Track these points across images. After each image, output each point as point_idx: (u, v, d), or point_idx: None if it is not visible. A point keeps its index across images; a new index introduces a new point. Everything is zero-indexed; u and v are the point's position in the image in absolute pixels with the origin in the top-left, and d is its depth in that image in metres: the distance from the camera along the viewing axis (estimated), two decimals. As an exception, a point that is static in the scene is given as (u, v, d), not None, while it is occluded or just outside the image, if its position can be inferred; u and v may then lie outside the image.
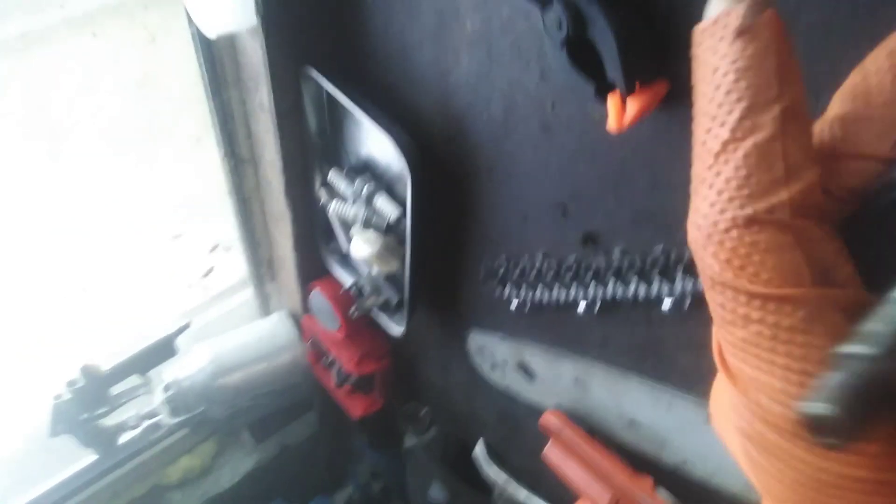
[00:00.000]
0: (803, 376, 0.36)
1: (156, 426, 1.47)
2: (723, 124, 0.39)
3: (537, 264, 0.80)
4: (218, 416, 1.42)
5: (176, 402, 1.40)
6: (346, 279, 1.14)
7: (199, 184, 1.28)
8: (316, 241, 1.18)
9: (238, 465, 1.69)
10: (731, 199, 0.38)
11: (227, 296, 1.50)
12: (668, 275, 0.65)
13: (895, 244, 0.40)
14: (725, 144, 0.39)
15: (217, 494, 1.64)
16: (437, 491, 1.31)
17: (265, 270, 1.44)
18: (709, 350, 0.63)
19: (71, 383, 1.32)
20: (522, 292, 0.85)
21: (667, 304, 0.66)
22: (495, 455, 1.17)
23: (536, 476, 1.09)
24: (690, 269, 0.62)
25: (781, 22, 0.39)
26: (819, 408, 0.33)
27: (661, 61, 0.55)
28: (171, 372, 1.42)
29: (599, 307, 0.74)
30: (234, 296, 1.50)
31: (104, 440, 1.38)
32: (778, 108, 0.38)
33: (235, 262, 1.43)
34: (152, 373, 1.41)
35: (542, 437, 1.01)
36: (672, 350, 0.70)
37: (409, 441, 1.25)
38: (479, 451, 1.17)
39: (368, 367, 1.25)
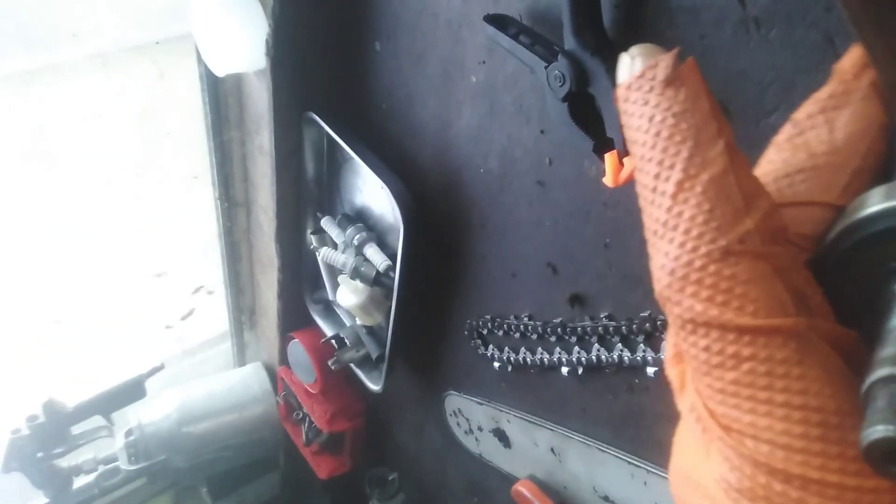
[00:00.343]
0: (806, 412, 0.34)
1: (113, 472, 1.42)
2: (672, 166, 0.39)
3: (522, 324, 0.79)
4: (179, 465, 1.37)
5: (137, 448, 1.35)
6: (328, 330, 1.12)
7: (189, 223, 1.28)
8: (300, 289, 1.16)
9: (193, 523, 1.61)
10: (700, 235, 0.38)
11: (204, 341, 1.47)
12: (652, 342, 0.64)
13: (856, 288, 0.39)
14: (681, 184, 0.39)
15: (167, 553, 1.55)
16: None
17: (245, 318, 1.42)
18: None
19: (31, 419, 1.27)
20: (505, 353, 0.84)
21: (650, 371, 0.64)
22: (462, 530, 1.12)
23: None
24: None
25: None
26: (886, 430, 0.30)
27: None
28: (136, 416, 1.37)
29: (582, 371, 0.73)
30: (210, 341, 1.47)
31: (57, 482, 1.32)
32: (722, 143, 0.39)
33: (216, 308, 1.40)
34: (117, 415, 1.36)
35: (512, 511, 0.98)
36: (651, 421, 0.68)
37: (374, 508, 1.20)
38: (446, 523, 1.12)
39: (340, 426, 1.22)
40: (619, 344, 0.67)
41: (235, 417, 1.39)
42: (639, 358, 0.65)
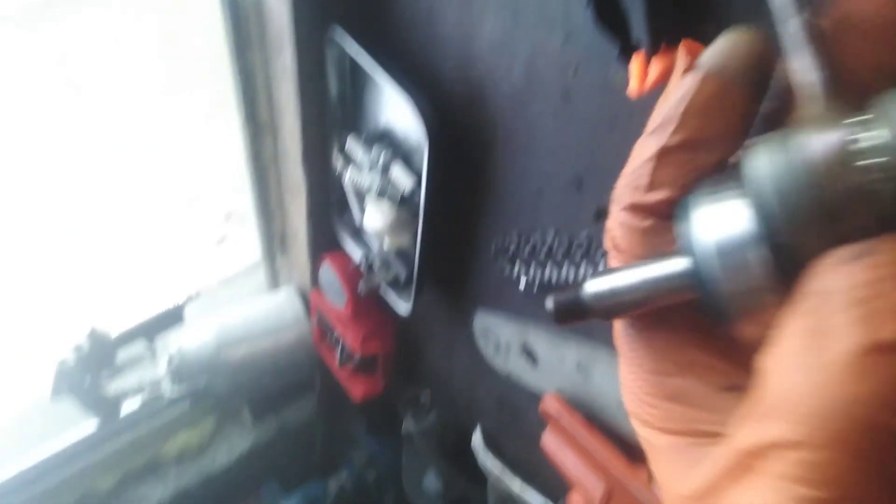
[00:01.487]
0: None
1: (157, 398, 1.47)
2: None
3: (548, 241, 0.78)
4: (220, 389, 1.42)
5: (179, 372, 1.40)
6: (357, 254, 1.13)
7: (217, 149, 1.29)
8: (330, 212, 1.17)
9: (235, 445, 1.68)
10: None
11: (238, 268, 1.49)
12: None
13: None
14: None
15: (213, 474, 1.63)
16: (431, 480, 1.29)
17: (277, 244, 1.43)
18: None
19: (77, 349, 1.32)
20: (531, 271, 0.83)
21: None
22: (492, 444, 1.15)
23: (532, 467, 1.07)
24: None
25: None
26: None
27: (689, 20, 0.53)
28: (177, 341, 1.42)
29: (609, 286, 0.72)
30: (244, 269, 1.50)
31: (106, 405, 1.38)
32: None
33: (248, 234, 1.42)
34: (158, 342, 1.41)
35: (540, 427, 0.99)
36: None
37: (408, 426, 1.23)
38: (477, 439, 1.15)
39: (373, 347, 1.24)
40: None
41: (272, 341, 1.42)
42: (666, 270, 0.64)
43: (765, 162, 0.22)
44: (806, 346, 0.20)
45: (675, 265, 0.25)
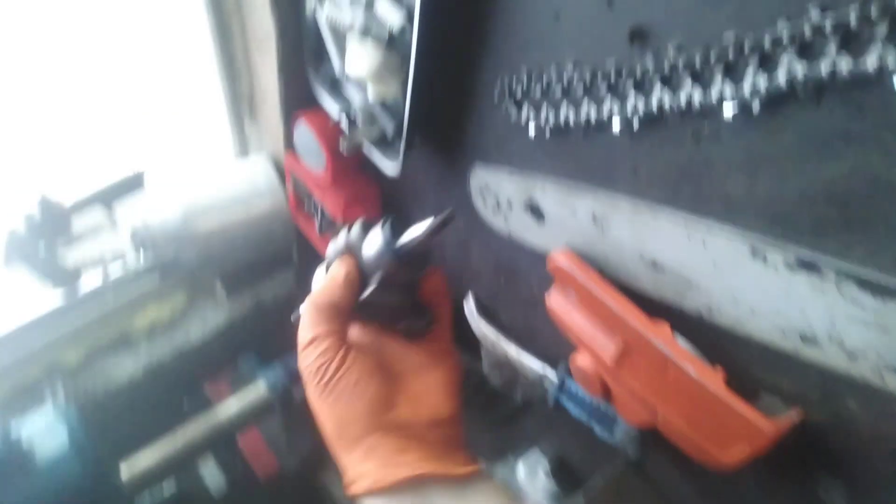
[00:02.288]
0: None
1: (121, 268, 1.38)
2: None
3: (566, 76, 0.69)
4: (189, 261, 1.33)
5: (144, 244, 1.30)
6: (337, 109, 1.02)
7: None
8: (303, 64, 1.05)
9: (209, 319, 1.62)
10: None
11: (201, 133, 1.37)
12: (735, 72, 0.54)
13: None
14: None
15: (186, 348, 1.57)
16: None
17: (245, 107, 1.31)
18: (768, 169, 0.53)
19: (28, 217, 1.21)
20: (543, 114, 0.74)
21: (729, 109, 0.55)
22: (485, 310, 1.10)
23: (529, 332, 1.02)
24: (768, 62, 0.52)
25: None
26: None
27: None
28: (140, 211, 1.31)
29: (638, 124, 0.64)
30: (208, 134, 1.37)
31: (64, 275, 1.29)
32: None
33: (212, 96, 1.29)
34: (118, 211, 1.30)
35: (540, 289, 0.94)
36: (721, 172, 0.60)
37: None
38: (470, 305, 1.09)
39: (356, 214, 1.16)
40: (689, 82, 0.58)
41: (243, 211, 1.33)
42: (713, 96, 0.56)
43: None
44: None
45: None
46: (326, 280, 0.64)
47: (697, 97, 0.57)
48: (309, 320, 0.62)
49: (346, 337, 0.63)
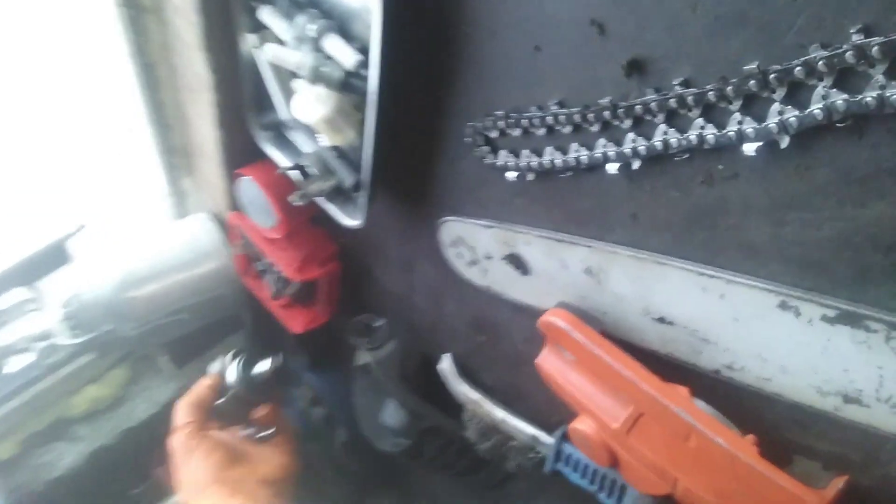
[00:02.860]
0: None
1: (52, 349, 1.24)
2: None
3: (550, 116, 0.60)
4: (129, 334, 1.20)
5: (77, 320, 1.17)
6: (285, 162, 0.92)
7: (93, 43, 1.02)
8: (243, 113, 0.94)
9: (155, 394, 1.48)
10: None
11: (134, 194, 1.25)
12: (756, 105, 0.47)
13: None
14: None
15: (131, 427, 1.43)
16: (391, 413, 1.14)
17: (179, 161, 1.19)
18: (798, 212, 0.46)
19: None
20: (524, 159, 0.66)
21: (750, 148, 0.48)
22: (465, 370, 1.00)
23: (516, 393, 0.93)
24: (798, 92, 0.44)
25: None
26: None
27: None
28: (69, 284, 1.18)
29: (639, 165, 0.56)
30: (142, 195, 1.25)
31: (-14, 365, 1.13)
32: None
33: (142, 150, 1.17)
34: (43, 286, 1.17)
35: (527, 345, 0.85)
36: (739, 217, 0.53)
37: (362, 359, 1.06)
38: (447, 365, 1.00)
39: (312, 273, 1.05)
40: (701, 119, 0.50)
41: (186, 276, 1.20)
42: (732, 133, 0.48)
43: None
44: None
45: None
46: (195, 387, 0.92)
47: (711, 135, 0.50)
48: (180, 413, 0.88)
49: (203, 426, 0.87)
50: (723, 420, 0.62)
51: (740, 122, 0.48)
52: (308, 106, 0.75)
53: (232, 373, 0.92)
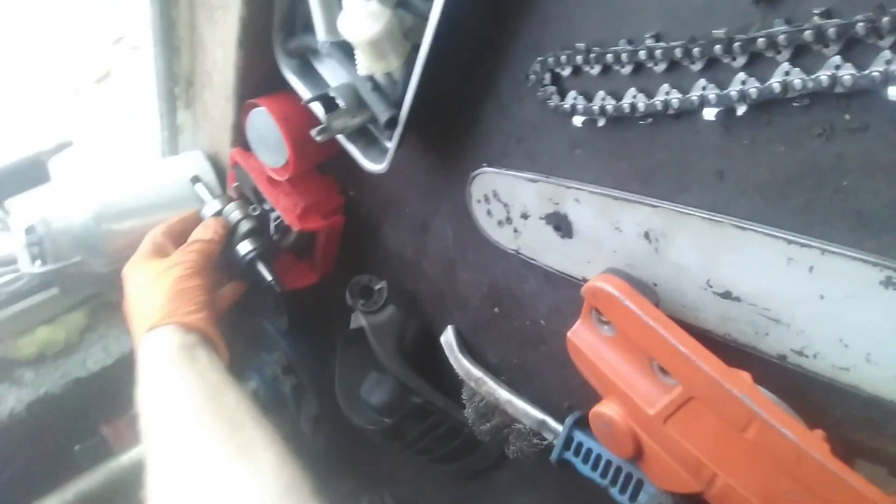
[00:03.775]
0: None
1: (13, 277, 1.14)
2: None
3: (643, 50, 0.54)
4: (98, 270, 1.09)
5: (43, 247, 1.06)
6: (309, 91, 0.84)
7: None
8: (269, 36, 0.86)
9: (112, 344, 1.37)
10: None
11: (125, 114, 1.14)
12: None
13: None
14: None
15: (81, 377, 1.31)
16: (373, 388, 1.06)
17: (180, 90, 1.10)
18: None
19: None
20: (598, 101, 0.60)
21: (893, 92, 0.42)
22: (468, 347, 0.93)
23: (524, 374, 0.86)
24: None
25: None
26: None
27: None
28: (42, 207, 1.07)
29: (745, 110, 0.50)
30: (133, 116, 1.15)
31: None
32: None
33: (142, 72, 1.07)
34: (14, 204, 1.06)
35: (548, 321, 0.79)
36: (856, 177, 0.47)
37: (355, 322, 0.98)
38: (450, 337, 0.93)
39: (314, 223, 0.97)
40: (838, 58, 0.44)
41: (171, 216, 1.10)
42: (876, 74, 0.43)
43: None
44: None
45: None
46: (215, 222, 0.99)
47: (847, 76, 0.44)
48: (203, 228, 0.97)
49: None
50: (789, 412, 0.56)
51: (888, 62, 0.42)
52: (356, 22, 0.67)
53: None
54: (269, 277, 0.98)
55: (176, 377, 0.77)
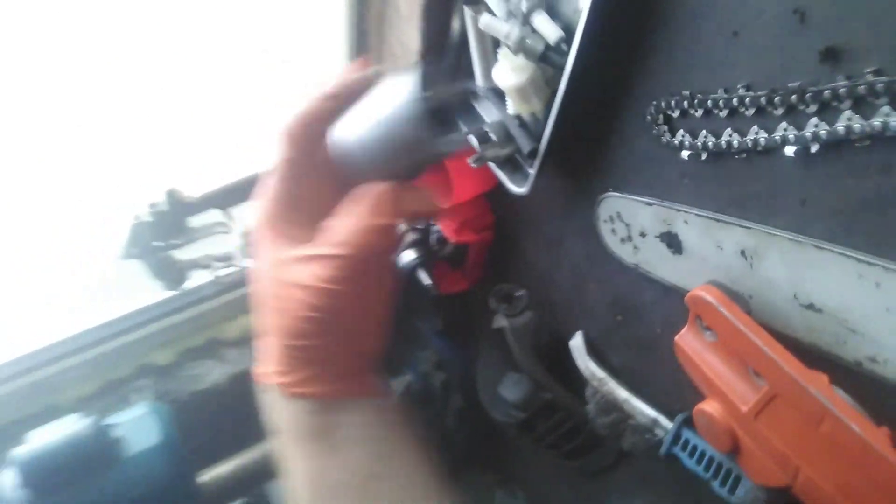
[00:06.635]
0: None
1: (225, 276, 1.41)
2: None
3: (736, 98, 0.66)
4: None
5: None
6: (467, 125, 1.02)
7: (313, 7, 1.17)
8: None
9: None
10: None
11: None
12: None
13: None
14: None
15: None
16: (510, 385, 1.20)
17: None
18: None
19: (154, 205, 1.24)
20: (701, 138, 0.71)
21: (933, 137, 0.51)
22: (593, 351, 1.05)
23: (642, 377, 0.97)
24: None
25: None
26: None
27: None
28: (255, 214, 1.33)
29: (817, 149, 0.60)
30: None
31: (174, 274, 1.31)
32: None
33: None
34: (236, 211, 1.33)
35: (664, 328, 0.89)
36: (912, 206, 0.56)
37: (497, 323, 1.14)
38: (578, 342, 1.05)
39: (467, 237, 1.14)
40: (887, 107, 0.54)
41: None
42: (918, 121, 0.52)
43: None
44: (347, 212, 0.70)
45: None
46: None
47: (894, 121, 0.53)
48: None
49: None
50: (859, 409, 0.64)
51: (929, 111, 0.51)
52: (507, 73, 0.84)
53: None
54: (428, 282, 1.15)
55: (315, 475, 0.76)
